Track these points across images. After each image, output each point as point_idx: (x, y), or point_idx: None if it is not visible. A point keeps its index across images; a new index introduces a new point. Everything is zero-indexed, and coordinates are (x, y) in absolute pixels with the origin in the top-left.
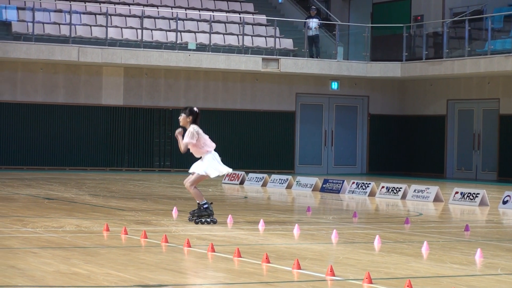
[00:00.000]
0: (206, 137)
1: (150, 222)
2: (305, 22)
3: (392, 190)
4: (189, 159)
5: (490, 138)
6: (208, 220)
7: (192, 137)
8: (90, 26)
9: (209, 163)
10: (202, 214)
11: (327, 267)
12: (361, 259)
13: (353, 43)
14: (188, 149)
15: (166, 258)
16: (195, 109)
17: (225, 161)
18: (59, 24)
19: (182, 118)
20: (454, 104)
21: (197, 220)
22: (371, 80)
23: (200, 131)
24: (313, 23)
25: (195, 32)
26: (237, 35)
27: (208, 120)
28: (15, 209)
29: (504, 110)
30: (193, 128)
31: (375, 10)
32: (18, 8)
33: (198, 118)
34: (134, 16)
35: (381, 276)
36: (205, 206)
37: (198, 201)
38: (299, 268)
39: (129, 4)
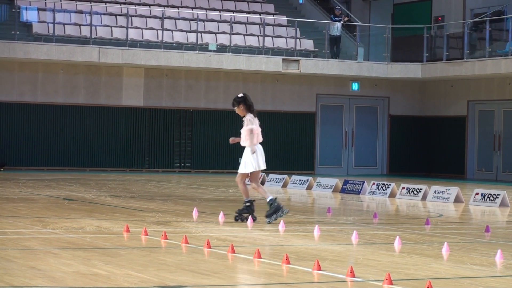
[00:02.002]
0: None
1: (170, 223)
2: (330, 22)
3: (412, 191)
4: (209, 160)
5: (510, 139)
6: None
7: (250, 123)
8: (111, 27)
9: (248, 158)
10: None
11: (347, 268)
12: (382, 260)
13: (374, 44)
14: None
15: (186, 259)
16: (240, 95)
17: None
18: (79, 25)
19: (237, 110)
20: (475, 105)
21: (236, 217)
22: (392, 81)
23: (256, 120)
24: (339, 23)
25: (215, 33)
26: (258, 36)
27: (228, 121)
28: (35, 210)
29: None
30: (250, 116)
31: (396, 11)
32: (38, 9)
33: (249, 101)
34: (155, 17)
35: (401, 277)
36: (246, 204)
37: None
38: (319, 269)
39: (149, 5)
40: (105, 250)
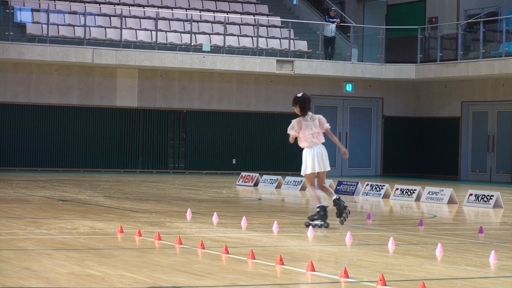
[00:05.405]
0: (308, 131)
1: (164, 223)
2: (324, 23)
3: (406, 192)
4: (203, 161)
5: (504, 140)
6: (316, 223)
7: (291, 128)
8: (105, 28)
9: (304, 161)
10: (314, 218)
11: (341, 269)
12: (375, 261)
13: (368, 45)
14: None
15: (180, 259)
16: (299, 95)
17: (240, 163)
18: (73, 26)
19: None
20: (469, 106)
21: (307, 223)
22: (386, 82)
23: (303, 123)
24: (334, 24)
25: (209, 34)
26: (252, 37)
27: (222, 122)
28: (29, 210)
29: None
30: (294, 120)
31: (390, 12)
32: (32, 10)
33: (306, 103)
34: (149, 18)
35: (395, 278)
36: (317, 209)
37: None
38: (313, 270)
39: (143, 6)
40: (99, 251)
